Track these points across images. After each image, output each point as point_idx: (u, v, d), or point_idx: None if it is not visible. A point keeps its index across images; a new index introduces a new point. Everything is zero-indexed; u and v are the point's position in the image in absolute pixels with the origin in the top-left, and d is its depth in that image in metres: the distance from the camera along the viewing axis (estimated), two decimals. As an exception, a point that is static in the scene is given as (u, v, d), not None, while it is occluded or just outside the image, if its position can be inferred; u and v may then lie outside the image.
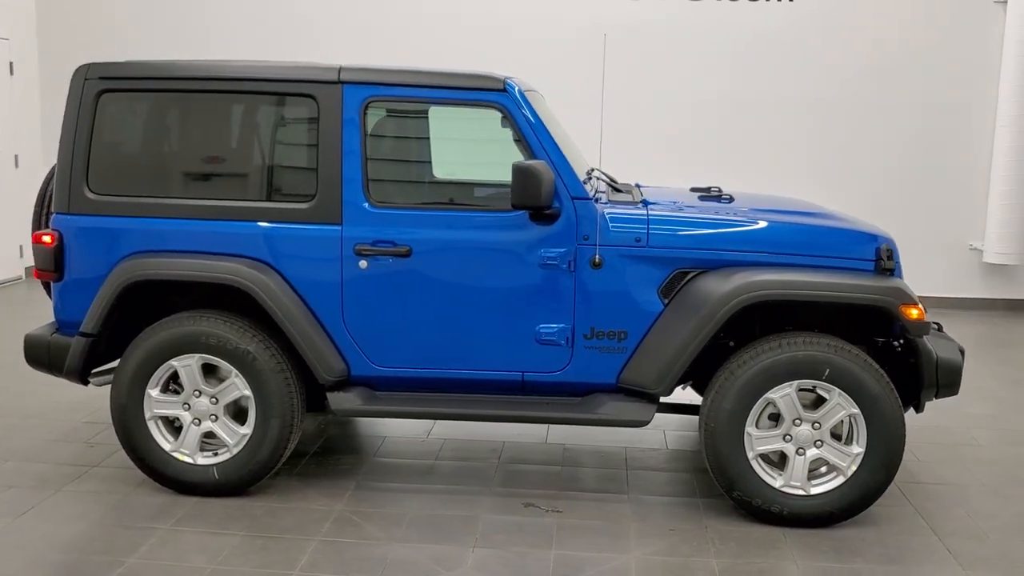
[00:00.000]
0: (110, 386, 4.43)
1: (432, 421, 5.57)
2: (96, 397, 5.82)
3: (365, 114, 4.26)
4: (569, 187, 4.23)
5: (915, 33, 9.58)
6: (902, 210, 9.49)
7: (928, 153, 9.72)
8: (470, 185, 4.90)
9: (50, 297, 4.74)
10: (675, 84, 9.69)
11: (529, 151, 4.21)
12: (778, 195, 5.50)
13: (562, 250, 4.23)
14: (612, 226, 4.23)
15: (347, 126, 4.24)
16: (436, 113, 4.36)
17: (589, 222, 4.22)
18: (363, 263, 4.26)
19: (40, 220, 4.70)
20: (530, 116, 4.23)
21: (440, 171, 5.04)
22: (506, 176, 4.20)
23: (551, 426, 5.56)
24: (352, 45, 9.65)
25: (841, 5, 9.60)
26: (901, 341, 4.46)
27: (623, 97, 9.36)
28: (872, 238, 4.34)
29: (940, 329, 4.72)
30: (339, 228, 4.26)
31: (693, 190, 5.16)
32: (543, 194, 4.01)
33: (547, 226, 4.23)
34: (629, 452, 5.19)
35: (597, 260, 4.22)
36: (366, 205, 4.25)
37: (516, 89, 4.27)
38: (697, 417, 5.39)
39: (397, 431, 5.44)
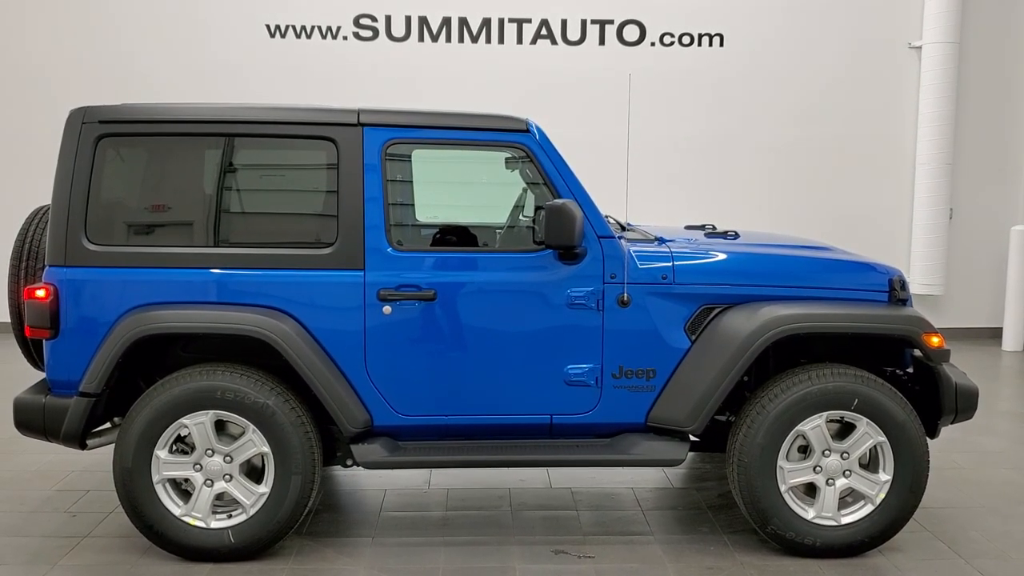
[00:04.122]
0: (112, 449, 4.14)
1: (429, 471, 5.41)
2: (60, 463, 5.46)
3: (386, 156, 4.15)
4: (595, 226, 4.21)
5: (838, 77, 10.04)
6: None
7: (855, 190, 10.15)
8: (493, 227, 4.83)
9: (23, 350, 4.44)
10: (610, 127, 9.83)
11: (554, 191, 4.18)
12: (774, 232, 5.61)
13: (589, 289, 4.19)
14: (640, 264, 4.23)
15: (368, 168, 4.12)
16: (457, 154, 4.29)
17: (616, 261, 4.20)
18: (387, 308, 4.13)
19: (19, 272, 4.38)
20: (554, 156, 4.21)
21: (460, 213, 4.95)
22: (520, 217, 4.13)
23: (551, 469, 5.47)
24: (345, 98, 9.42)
25: (768, 51, 9.99)
26: (909, 370, 4.58)
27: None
28: (884, 270, 4.46)
29: None
30: (361, 273, 4.11)
31: (688, 227, 5.22)
32: (576, 233, 3.98)
33: (574, 265, 4.19)
34: (638, 492, 5.15)
35: (625, 298, 4.20)
36: (389, 249, 4.12)
37: (538, 129, 4.24)
38: (694, 453, 5.48)
39: (396, 483, 5.25)
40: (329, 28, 9.78)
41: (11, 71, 9.75)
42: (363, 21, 9.81)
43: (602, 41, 10.00)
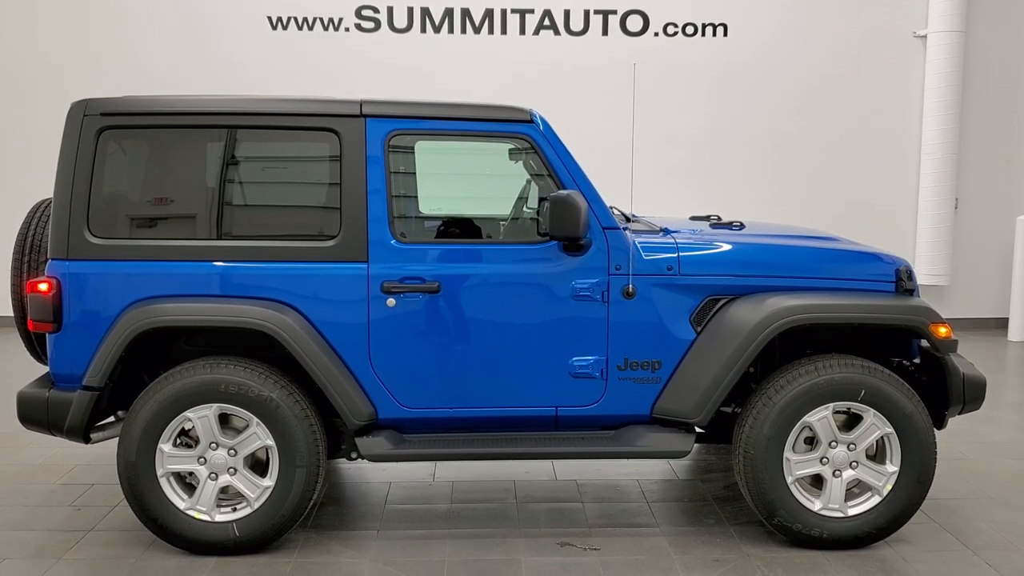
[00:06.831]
0: (116, 443, 4.12)
1: (434, 463, 5.39)
2: (64, 457, 5.45)
3: (389, 148, 4.12)
4: (600, 217, 4.18)
5: (843, 67, 10.00)
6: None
7: (860, 181, 10.11)
8: (497, 219, 4.80)
9: (26, 344, 4.43)
10: (613, 117, 9.81)
11: (558, 182, 4.15)
12: (780, 223, 5.58)
13: (594, 281, 4.17)
14: (645, 255, 4.20)
15: (371, 160, 4.09)
16: (460, 146, 4.26)
17: (621, 252, 4.17)
18: (391, 301, 4.11)
19: (22, 266, 4.36)
20: (558, 146, 4.18)
21: (464, 205, 4.93)
22: (524, 208, 4.10)
23: (556, 461, 5.45)
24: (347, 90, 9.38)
25: (772, 41, 9.94)
26: (916, 361, 4.55)
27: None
28: (891, 260, 4.43)
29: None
30: (365, 266, 4.09)
31: (693, 218, 5.19)
32: (581, 224, 3.95)
33: (578, 257, 4.16)
34: (643, 484, 5.13)
35: (631, 290, 4.17)
36: (392, 241, 4.10)
37: (542, 120, 4.21)
38: (700, 445, 5.47)
39: (401, 476, 5.24)
40: (331, 20, 9.75)
41: (12, 65, 9.72)
42: (365, 13, 9.77)
43: (605, 31, 9.95)
